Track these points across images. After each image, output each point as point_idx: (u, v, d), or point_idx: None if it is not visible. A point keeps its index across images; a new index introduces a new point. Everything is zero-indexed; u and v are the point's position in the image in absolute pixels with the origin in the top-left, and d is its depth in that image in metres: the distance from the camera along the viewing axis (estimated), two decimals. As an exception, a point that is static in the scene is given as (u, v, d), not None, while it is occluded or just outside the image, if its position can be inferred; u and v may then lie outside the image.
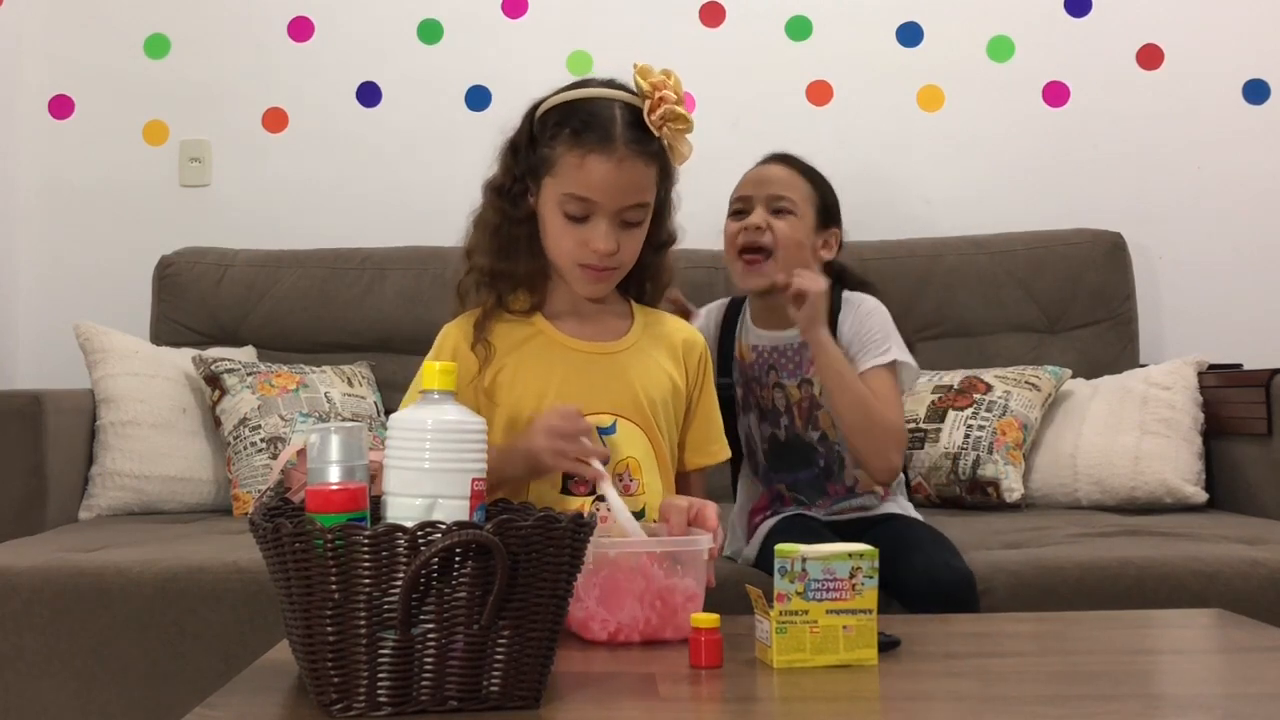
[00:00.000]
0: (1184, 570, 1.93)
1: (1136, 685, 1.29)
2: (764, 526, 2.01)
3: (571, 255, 1.62)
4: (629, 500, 1.60)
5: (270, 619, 1.85)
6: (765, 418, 2.04)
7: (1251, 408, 2.47)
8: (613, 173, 1.57)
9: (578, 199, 1.59)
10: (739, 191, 2.05)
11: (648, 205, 1.62)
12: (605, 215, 1.59)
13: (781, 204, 2.00)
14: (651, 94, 1.57)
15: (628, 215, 1.60)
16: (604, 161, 1.56)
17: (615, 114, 1.58)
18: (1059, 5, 3.11)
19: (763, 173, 2.06)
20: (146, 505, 2.52)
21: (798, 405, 2.02)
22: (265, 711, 1.17)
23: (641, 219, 1.62)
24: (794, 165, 2.06)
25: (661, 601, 1.40)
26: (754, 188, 2.03)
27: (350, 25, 3.15)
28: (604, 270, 1.62)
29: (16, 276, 3.09)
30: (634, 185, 1.59)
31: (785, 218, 2.00)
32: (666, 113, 1.57)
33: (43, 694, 1.92)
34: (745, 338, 2.07)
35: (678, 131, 1.59)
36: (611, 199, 1.58)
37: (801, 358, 2.02)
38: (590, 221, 1.59)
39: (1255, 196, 3.05)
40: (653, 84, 1.57)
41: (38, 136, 3.12)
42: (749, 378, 2.05)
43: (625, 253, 1.62)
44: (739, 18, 3.13)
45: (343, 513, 1.13)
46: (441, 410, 1.22)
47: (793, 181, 2.03)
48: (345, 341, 2.84)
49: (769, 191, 2.01)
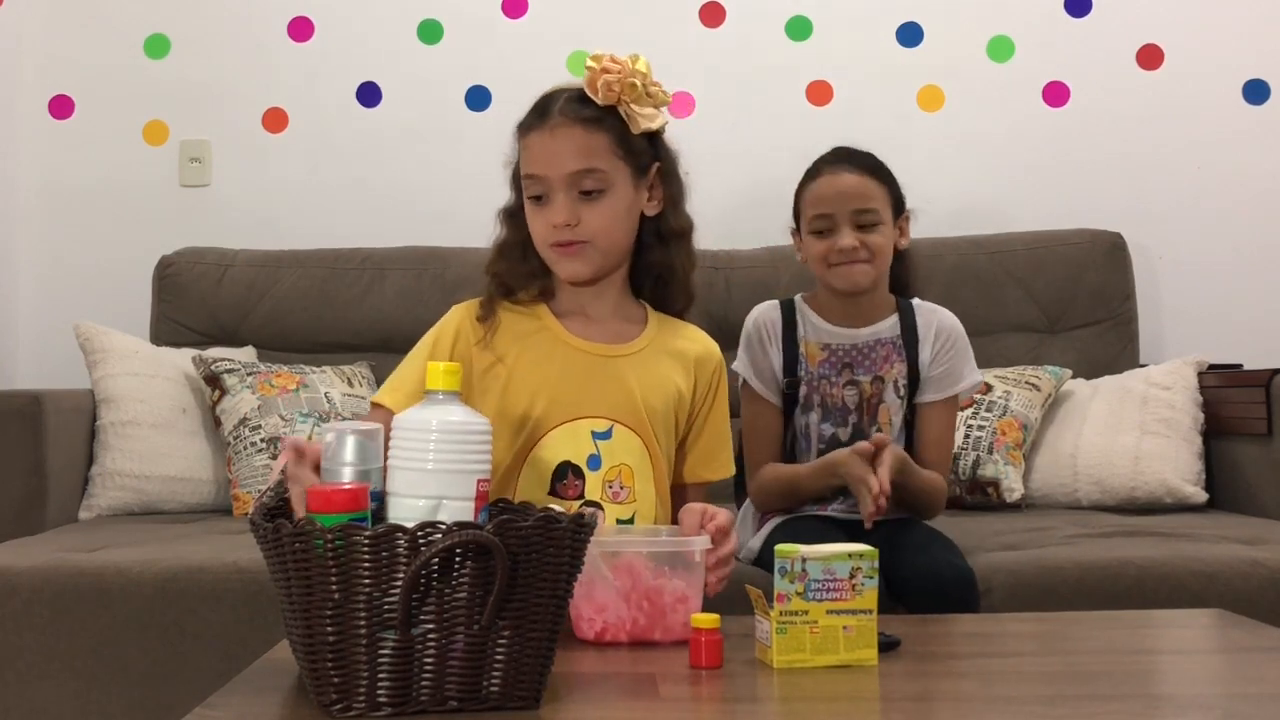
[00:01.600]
0: (1184, 570, 1.93)
1: (1136, 685, 1.29)
2: (770, 523, 2.01)
3: (542, 237, 1.63)
4: (619, 508, 1.60)
5: (270, 619, 1.84)
6: (828, 416, 2.02)
7: (1251, 408, 2.47)
8: (548, 141, 1.60)
9: (530, 178, 1.62)
10: (819, 207, 2.00)
11: (602, 172, 1.60)
12: (559, 188, 1.60)
13: (866, 217, 1.98)
14: (595, 69, 1.59)
15: (583, 184, 1.60)
16: (539, 133, 1.61)
17: (559, 95, 1.62)
18: (1059, 5, 3.11)
19: (838, 182, 2.00)
20: (146, 505, 2.52)
21: (868, 401, 2.02)
22: (265, 711, 1.17)
23: (599, 187, 1.60)
24: (865, 168, 2.02)
25: (649, 602, 1.39)
26: (835, 203, 1.98)
27: (350, 25, 3.15)
28: (570, 245, 1.61)
29: (16, 276, 3.09)
30: (573, 150, 1.59)
31: (874, 231, 1.98)
32: (610, 82, 1.58)
33: (43, 694, 1.92)
34: (812, 336, 2.05)
35: (634, 100, 1.59)
36: (553, 167, 1.59)
37: (876, 354, 2.03)
38: (550, 199, 1.61)
39: (1255, 196, 3.05)
40: (600, 62, 1.59)
41: (38, 136, 3.12)
42: (817, 376, 2.03)
43: (590, 225, 1.60)
44: (739, 18, 3.13)
45: (343, 513, 1.13)
46: (446, 411, 1.22)
47: (872, 190, 2.00)
48: (345, 341, 2.84)
49: (852, 207, 1.98)
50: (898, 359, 2.03)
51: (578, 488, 1.60)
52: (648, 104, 1.61)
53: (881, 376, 2.02)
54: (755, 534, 2.04)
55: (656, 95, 1.61)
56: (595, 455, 1.62)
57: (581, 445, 1.61)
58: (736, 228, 2.83)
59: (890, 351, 2.03)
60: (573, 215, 1.59)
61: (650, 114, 1.61)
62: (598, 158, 1.60)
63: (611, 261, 1.66)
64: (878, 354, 2.03)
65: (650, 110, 1.61)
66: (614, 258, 1.65)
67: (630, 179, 1.63)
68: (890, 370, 2.03)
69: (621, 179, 1.62)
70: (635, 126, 1.61)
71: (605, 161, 1.60)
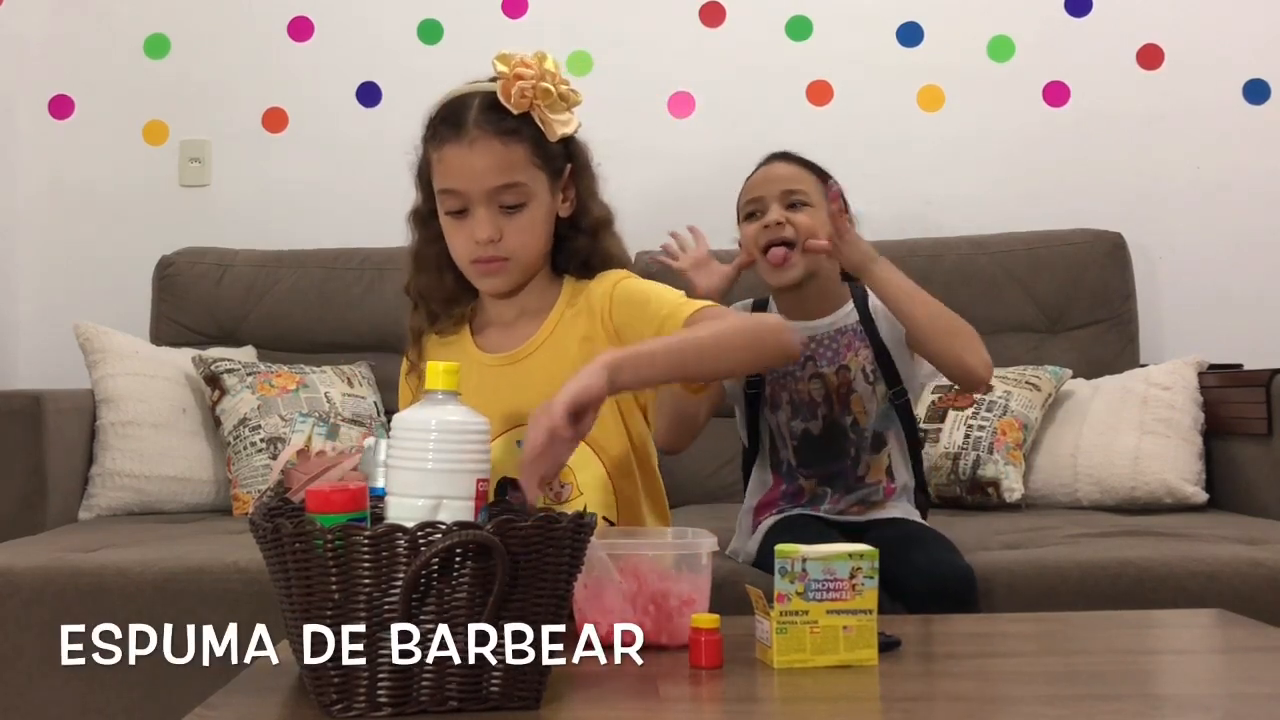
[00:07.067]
0: (1184, 570, 1.93)
1: (1136, 685, 1.29)
2: (765, 524, 2.01)
3: (462, 253, 1.60)
4: (565, 506, 1.55)
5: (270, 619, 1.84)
6: (798, 413, 2.03)
7: (1251, 408, 2.47)
8: (467, 156, 1.56)
9: (448, 193, 1.58)
10: (749, 194, 2.06)
11: (522, 186, 1.57)
12: (479, 202, 1.57)
13: (795, 197, 2.02)
14: (507, 74, 1.55)
15: (503, 199, 1.57)
16: (457, 148, 1.56)
17: (470, 103, 1.58)
18: (1059, 5, 3.11)
19: (769, 171, 2.07)
20: (146, 505, 2.52)
21: (835, 393, 2.02)
22: (265, 711, 1.17)
23: (520, 201, 1.57)
24: (797, 160, 2.07)
25: (655, 606, 1.37)
26: (764, 187, 2.04)
27: (350, 25, 3.15)
28: (493, 261, 1.59)
29: (16, 276, 3.10)
30: (494, 166, 1.56)
31: (802, 210, 2.01)
32: (524, 89, 1.54)
33: (43, 694, 1.92)
34: None
35: (549, 106, 1.56)
36: (473, 183, 1.56)
37: (838, 343, 2.03)
38: (469, 214, 1.58)
39: (1255, 196, 3.04)
40: (510, 66, 1.55)
41: (38, 136, 3.12)
42: (782, 373, 2.04)
43: (512, 241, 1.58)
44: (739, 18, 3.13)
45: (343, 513, 1.13)
46: (445, 410, 1.22)
47: (801, 175, 2.04)
48: (345, 341, 2.84)
49: (780, 188, 2.02)
50: (861, 344, 2.03)
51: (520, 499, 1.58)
52: (561, 108, 1.57)
53: (847, 365, 2.02)
54: (750, 536, 2.04)
55: (569, 97, 1.58)
56: None
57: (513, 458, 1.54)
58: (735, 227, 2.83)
59: (852, 338, 2.03)
60: (495, 230, 1.57)
61: (565, 119, 1.58)
62: (518, 171, 1.57)
63: (530, 272, 1.64)
64: (839, 343, 2.03)
65: (565, 115, 1.58)
66: (533, 268, 1.64)
67: (547, 186, 1.60)
68: (855, 357, 2.02)
69: (540, 188, 1.59)
70: (551, 134, 1.57)
71: (525, 173, 1.57)
